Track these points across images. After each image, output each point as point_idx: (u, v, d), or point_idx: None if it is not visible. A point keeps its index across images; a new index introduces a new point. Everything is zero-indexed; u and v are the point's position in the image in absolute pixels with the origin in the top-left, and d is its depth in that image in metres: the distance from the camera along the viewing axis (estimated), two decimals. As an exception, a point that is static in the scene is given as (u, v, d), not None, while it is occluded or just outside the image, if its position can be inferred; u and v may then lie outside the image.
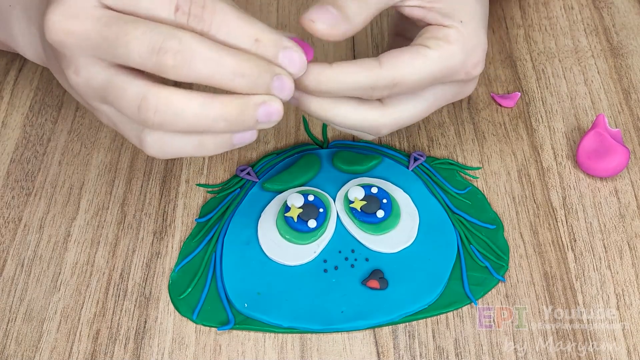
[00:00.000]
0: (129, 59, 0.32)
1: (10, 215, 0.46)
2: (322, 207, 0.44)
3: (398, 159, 0.48)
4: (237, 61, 0.32)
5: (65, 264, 0.44)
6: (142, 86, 0.32)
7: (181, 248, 0.44)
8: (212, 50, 0.32)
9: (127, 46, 0.31)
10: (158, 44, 0.31)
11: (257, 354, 0.40)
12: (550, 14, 0.57)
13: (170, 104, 0.32)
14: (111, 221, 0.46)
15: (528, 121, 0.50)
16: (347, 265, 0.43)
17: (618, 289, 0.42)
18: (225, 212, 0.45)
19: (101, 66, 0.33)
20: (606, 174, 0.46)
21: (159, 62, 0.31)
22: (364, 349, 0.40)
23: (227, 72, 0.32)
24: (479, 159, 0.48)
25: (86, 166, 0.48)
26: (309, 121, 0.50)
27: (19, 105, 0.52)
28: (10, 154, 0.49)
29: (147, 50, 0.31)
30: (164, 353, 0.40)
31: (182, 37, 0.31)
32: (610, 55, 0.54)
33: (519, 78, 0.53)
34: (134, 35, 0.31)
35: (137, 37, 0.31)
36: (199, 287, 0.42)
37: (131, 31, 0.31)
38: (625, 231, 0.44)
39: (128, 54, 0.31)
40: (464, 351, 0.40)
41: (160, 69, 0.31)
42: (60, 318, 0.42)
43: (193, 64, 0.31)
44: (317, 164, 0.47)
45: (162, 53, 0.31)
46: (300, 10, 0.57)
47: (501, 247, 0.44)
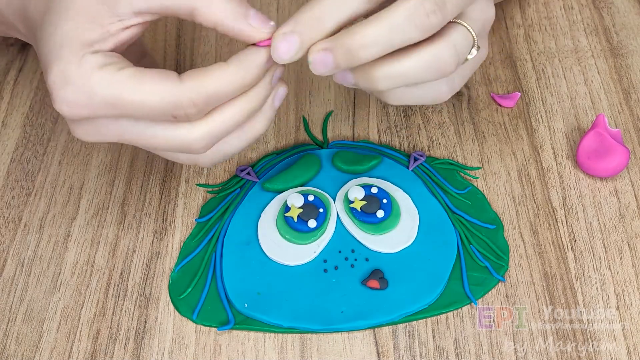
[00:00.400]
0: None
1: (10, 215, 0.46)
2: (322, 207, 0.44)
3: (398, 159, 0.48)
4: (247, 111, 0.36)
5: (65, 264, 0.44)
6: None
7: (181, 248, 0.44)
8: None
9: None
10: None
11: (257, 354, 0.40)
12: (550, 14, 0.57)
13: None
14: (111, 221, 0.46)
15: (528, 121, 0.50)
16: (347, 265, 0.43)
17: (618, 289, 0.42)
18: (225, 212, 0.45)
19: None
20: (606, 174, 0.46)
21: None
22: (364, 349, 0.40)
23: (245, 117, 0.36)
24: (479, 159, 0.48)
25: (86, 166, 0.48)
26: (309, 121, 0.50)
27: (19, 105, 0.52)
28: (11, 153, 0.49)
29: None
30: (164, 353, 0.40)
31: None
32: (610, 55, 0.54)
33: (519, 78, 0.53)
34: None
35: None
36: (199, 287, 0.42)
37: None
38: (625, 231, 0.44)
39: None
40: (464, 351, 0.40)
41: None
42: (60, 318, 0.42)
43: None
44: (317, 164, 0.47)
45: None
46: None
47: (501, 247, 0.44)
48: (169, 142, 0.35)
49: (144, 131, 0.35)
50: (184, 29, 0.57)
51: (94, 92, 0.33)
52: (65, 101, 0.34)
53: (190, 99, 0.33)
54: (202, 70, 0.34)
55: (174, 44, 0.56)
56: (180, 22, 0.57)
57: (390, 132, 0.50)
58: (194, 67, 0.53)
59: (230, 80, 0.34)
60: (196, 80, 0.34)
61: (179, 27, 0.57)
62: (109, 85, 0.33)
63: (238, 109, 0.35)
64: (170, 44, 0.56)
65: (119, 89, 0.33)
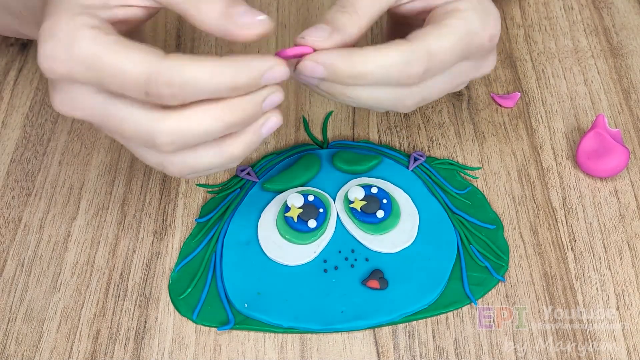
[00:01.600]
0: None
1: (10, 215, 0.46)
2: (322, 207, 0.44)
3: (398, 159, 0.48)
4: (224, 123, 0.33)
5: (65, 264, 0.44)
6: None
7: (181, 248, 0.44)
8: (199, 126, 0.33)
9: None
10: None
11: (257, 354, 0.40)
12: (550, 14, 0.57)
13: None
14: (111, 221, 0.46)
15: (528, 121, 0.50)
16: (347, 265, 0.43)
17: (618, 289, 0.42)
18: (225, 212, 0.45)
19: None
20: (606, 174, 0.46)
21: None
22: (364, 349, 0.40)
23: (221, 129, 0.33)
24: (479, 159, 0.48)
25: (86, 166, 0.48)
26: (309, 121, 0.50)
27: (19, 105, 0.52)
28: (11, 154, 0.49)
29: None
30: (164, 353, 0.40)
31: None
32: (610, 55, 0.54)
33: (518, 78, 0.53)
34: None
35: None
36: (199, 287, 0.42)
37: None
38: (625, 231, 0.44)
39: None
40: (464, 351, 0.40)
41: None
42: (60, 318, 0.42)
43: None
44: (317, 164, 0.47)
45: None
46: (300, 10, 0.58)
47: (501, 247, 0.44)
48: (137, 128, 0.33)
49: (114, 110, 0.33)
50: (184, 29, 0.57)
51: (74, 47, 0.32)
52: (45, 55, 0.33)
53: (167, 77, 0.31)
54: (192, 55, 0.32)
55: (173, 44, 0.56)
56: (180, 22, 0.57)
57: (390, 132, 0.50)
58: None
59: (215, 74, 0.32)
60: (180, 60, 0.32)
61: (179, 27, 0.57)
62: (92, 44, 0.32)
63: (215, 115, 0.33)
64: (170, 44, 0.56)
65: (100, 50, 0.32)
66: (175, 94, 0.32)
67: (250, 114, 0.34)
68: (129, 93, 0.32)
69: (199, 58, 0.32)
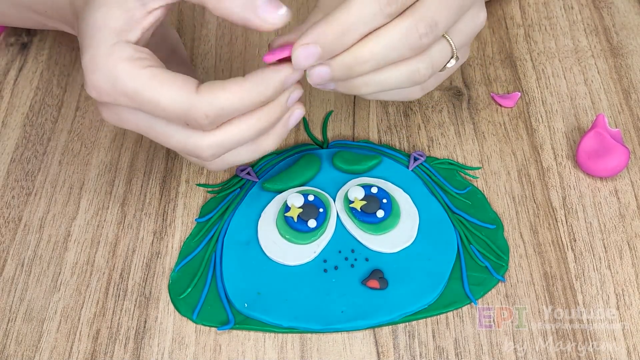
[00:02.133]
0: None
1: (10, 215, 0.46)
2: (322, 207, 0.44)
3: (398, 159, 0.48)
4: (258, 129, 0.37)
5: (65, 264, 0.44)
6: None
7: (181, 248, 0.44)
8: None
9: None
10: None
11: (257, 354, 0.40)
12: (550, 14, 0.57)
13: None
14: (111, 221, 0.46)
15: (528, 121, 0.50)
16: (347, 265, 0.43)
17: (618, 289, 0.42)
18: (225, 212, 0.45)
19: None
20: (606, 174, 0.46)
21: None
22: (364, 349, 0.40)
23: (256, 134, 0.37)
24: (479, 159, 0.48)
25: (86, 166, 0.48)
26: (309, 121, 0.50)
27: (19, 105, 0.52)
28: (11, 153, 0.49)
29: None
30: (164, 353, 0.40)
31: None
32: (610, 55, 0.54)
33: (519, 78, 0.53)
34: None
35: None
36: (199, 287, 0.42)
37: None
38: (625, 231, 0.44)
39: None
40: (464, 351, 0.40)
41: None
42: (60, 318, 0.42)
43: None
44: (317, 164, 0.47)
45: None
46: (300, 10, 0.58)
47: (501, 247, 0.44)
48: (180, 144, 0.37)
49: (158, 129, 0.37)
50: (184, 29, 0.57)
51: (116, 82, 0.35)
52: (94, 86, 0.36)
53: (203, 111, 0.35)
54: (220, 83, 0.35)
55: (174, 43, 0.56)
56: (181, 22, 0.57)
57: (390, 132, 0.50)
58: (193, 67, 0.53)
59: (245, 97, 0.35)
60: (212, 93, 0.35)
61: (179, 27, 0.57)
62: (131, 79, 0.35)
63: (250, 125, 0.37)
64: (170, 44, 0.56)
65: (139, 85, 0.35)
66: (212, 122, 0.36)
67: (278, 114, 0.37)
68: (171, 121, 0.36)
69: (228, 85, 0.35)
